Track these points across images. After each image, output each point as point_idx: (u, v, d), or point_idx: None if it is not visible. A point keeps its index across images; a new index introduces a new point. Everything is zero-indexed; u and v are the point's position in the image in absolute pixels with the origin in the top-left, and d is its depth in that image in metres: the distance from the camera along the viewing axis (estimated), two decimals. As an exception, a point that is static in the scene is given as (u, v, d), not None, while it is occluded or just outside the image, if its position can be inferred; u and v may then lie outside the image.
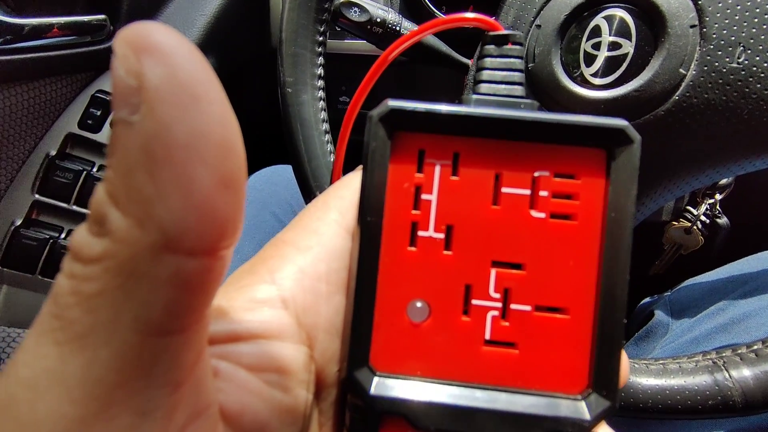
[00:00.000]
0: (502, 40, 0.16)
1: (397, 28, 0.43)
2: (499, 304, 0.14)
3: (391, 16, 0.43)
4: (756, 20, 0.24)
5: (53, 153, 0.46)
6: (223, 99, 0.10)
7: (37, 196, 0.46)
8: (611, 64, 0.27)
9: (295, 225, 0.16)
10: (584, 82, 0.27)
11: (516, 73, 0.16)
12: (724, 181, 0.48)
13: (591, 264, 0.14)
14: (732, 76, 0.25)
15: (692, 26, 0.25)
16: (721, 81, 0.25)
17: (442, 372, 0.14)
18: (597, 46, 0.27)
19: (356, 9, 0.42)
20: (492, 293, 0.14)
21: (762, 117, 0.25)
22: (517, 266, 0.14)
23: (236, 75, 0.59)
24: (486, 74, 0.16)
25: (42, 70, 0.42)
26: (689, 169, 0.27)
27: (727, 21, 0.25)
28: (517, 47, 0.16)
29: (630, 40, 0.26)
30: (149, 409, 0.10)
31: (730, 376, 0.27)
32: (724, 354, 0.28)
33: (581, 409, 0.13)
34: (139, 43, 0.09)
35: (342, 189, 0.16)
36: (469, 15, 0.19)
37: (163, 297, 0.09)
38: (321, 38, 0.38)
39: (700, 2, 0.25)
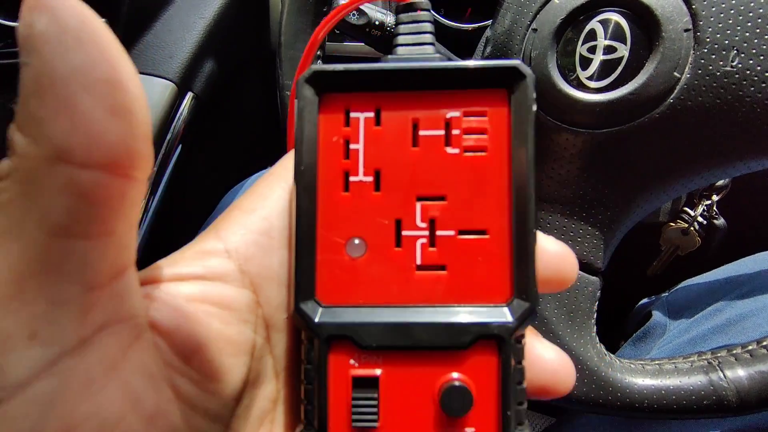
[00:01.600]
0: (410, 8, 0.17)
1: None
2: (426, 233, 0.16)
3: (390, 19, 0.43)
4: (749, 24, 0.25)
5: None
6: (111, 45, 0.12)
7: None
8: (606, 68, 0.27)
9: (245, 194, 0.18)
10: (580, 86, 0.28)
11: (426, 35, 0.17)
12: (720, 182, 0.49)
13: (503, 188, 0.16)
14: (726, 80, 0.25)
15: (686, 30, 0.26)
16: (715, 84, 0.25)
17: (381, 298, 0.15)
18: (592, 50, 0.27)
19: (355, 12, 0.43)
20: (419, 224, 0.16)
21: (756, 120, 0.25)
22: (440, 198, 0.16)
23: (236, 77, 0.59)
24: (400, 39, 0.17)
25: (42, 73, 0.42)
26: (684, 170, 0.28)
27: (720, 25, 0.25)
28: (425, 13, 0.17)
29: (625, 43, 0.27)
30: (62, 301, 0.12)
31: (725, 376, 0.27)
32: (719, 354, 0.29)
33: (505, 314, 0.15)
34: (33, 4, 0.11)
35: (289, 160, 0.18)
36: None
37: (61, 202, 0.11)
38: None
39: (694, 6, 0.25)
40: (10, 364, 0.11)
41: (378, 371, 0.15)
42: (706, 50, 0.25)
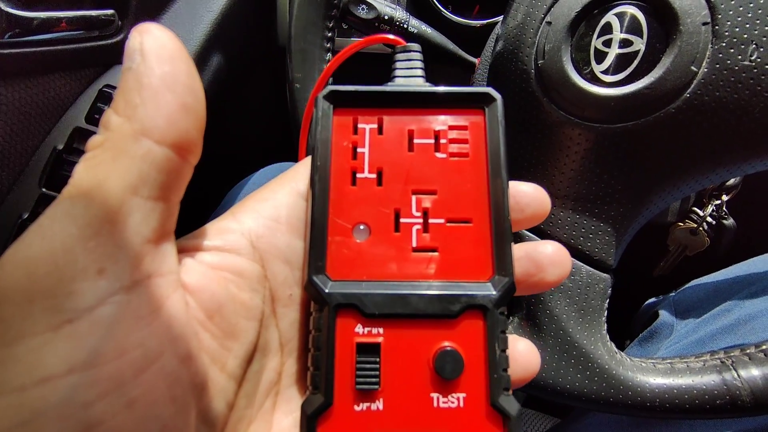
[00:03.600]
0: (405, 50, 0.22)
1: (405, 26, 0.43)
2: (420, 221, 0.19)
3: (399, 14, 0.43)
4: (768, 18, 0.24)
5: (60, 147, 0.46)
6: (189, 63, 0.16)
7: (44, 190, 0.45)
8: (622, 62, 0.27)
9: (260, 189, 0.21)
10: (594, 79, 0.27)
11: (418, 69, 0.21)
12: (730, 182, 0.48)
13: (482, 185, 0.19)
14: (744, 74, 0.25)
15: (704, 24, 0.25)
16: (732, 79, 0.25)
17: (383, 274, 0.18)
18: (608, 43, 0.27)
19: (364, 6, 0.42)
20: (415, 213, 0.19)
21: (773, 115, 0.25)
22: (431, 193, 0.19)
23: (243, 71, 0.59)
24: (398, 72, 0.21)
25: (50, 65, 0.42)
26: (699, 167, 0.27)
27: (739, 18, 0.25)
28: (417, 53, 0.22)
29: (641, 37, 0.26)
30: (125, 246, 0.15)
31: (738, 376, 0.27)
32: (732, 353, 0.28)
33: (489, 287, 0.18)
34: (144, 30, 0.16)
35: (300, 166, 0.21)
36: (390, 36, 0.27)
37: (138, 166, 0.15)
38: (329, 34, 0.38)
39: (712, 0, 0.25)
40: (82, 290, 0.14)
41: (379, 339, 0.17)
42: (724, 44, 0.25)
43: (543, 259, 0.20)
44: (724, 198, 0.49)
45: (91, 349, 0.14)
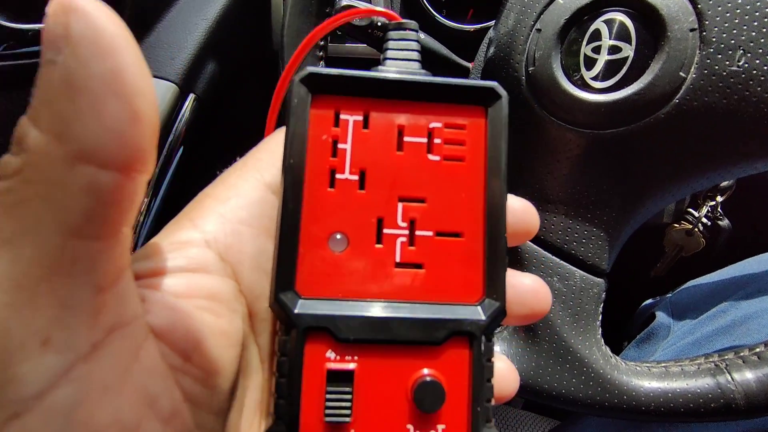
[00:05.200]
0: (400, 27, 0.19)
1: (398, 32, 0.43)
2: (406, 232, 0.16)
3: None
4: (755, 23, 0.24)
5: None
6: (136, 53, 0.12)
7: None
8: (611, 68, 0.27)
9: (216, 183, 0.18)
10: (584, 86, 0.27)
11: (413, 52, 0.18)
12: (725, 183, 0.48)
13: (478, 195, 0.17)
14: (732, 80, 0.25)
15: (692, 30, 0.25)
16: (721, 84, 0.25)
17: (360, 292, 0.16)
18: (597, 50, 0.27)
19: (357, 13, 0.43)
20: (400, 223, 0.16)
21: (762, 120, 0.25)
22: (420, 200, 0.16)
23: (238, 78, 0.59)
24: (389, 53, 0.18)
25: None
26: (690, 171, 0.27)
27: (726, 24, 0.25)
28: (413, 33, 0.19)
29: (630, 43, 0.27)
30: (73, 305, 0.12)
31: (732, 379, 0.27)
32: (726, 356, 0.28)
33: (478, 312, 0.16)
34: (67, 5, 0.11)
35: (260, 152, 0.18)
36: (378, 8, 0.24)
37: (80, 203, 0.11)
38: (322, 42, 0.38)
39: (699, 6, 0.25)
40: (25, 373, 0.11)
41: (353, 365, 0.15)
42: (712, 50, 0.25)
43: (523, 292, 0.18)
44: (719, 199, 0.49)
45: None
